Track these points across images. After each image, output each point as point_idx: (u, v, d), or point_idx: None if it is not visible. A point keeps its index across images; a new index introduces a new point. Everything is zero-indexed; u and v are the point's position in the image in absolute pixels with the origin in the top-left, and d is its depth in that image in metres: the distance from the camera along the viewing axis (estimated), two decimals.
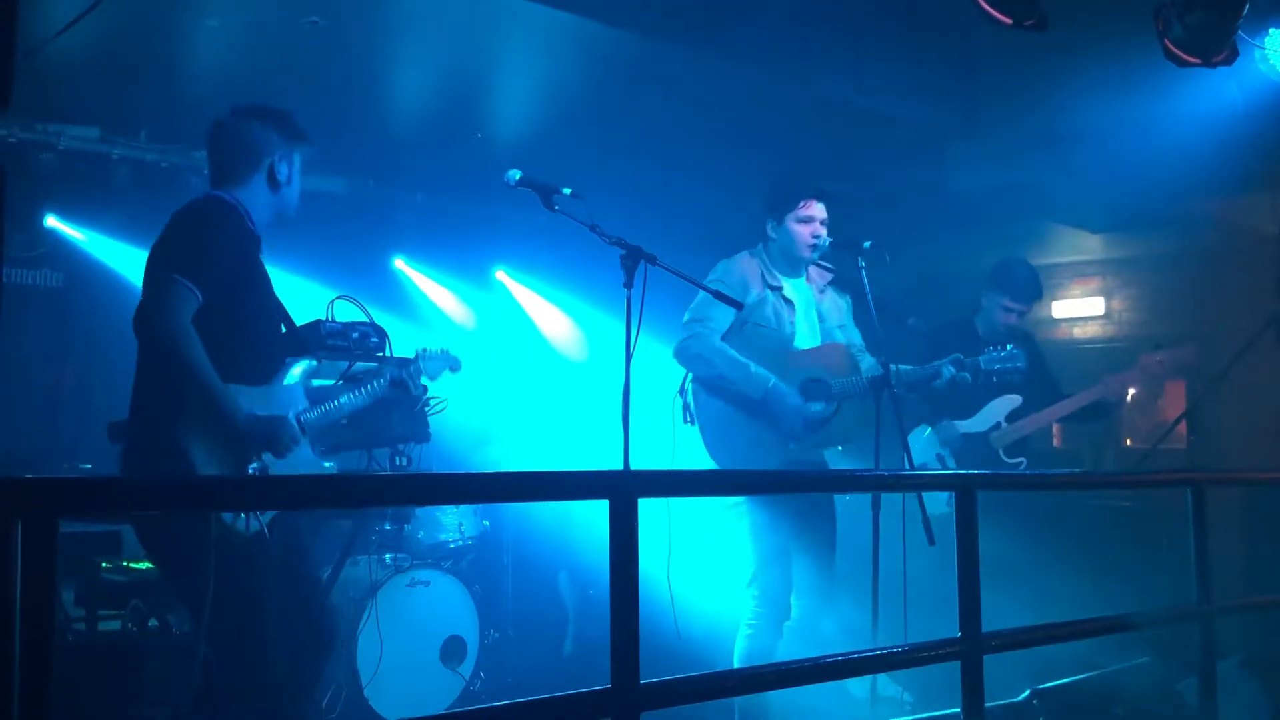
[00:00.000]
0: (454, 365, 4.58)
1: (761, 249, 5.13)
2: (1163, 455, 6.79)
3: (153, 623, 5.11)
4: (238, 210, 3.83)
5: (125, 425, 3.70)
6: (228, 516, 3.49)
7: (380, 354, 4.35)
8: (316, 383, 4.12)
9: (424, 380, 4.40)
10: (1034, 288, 6.01)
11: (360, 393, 4.12)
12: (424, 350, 4.44)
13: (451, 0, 5.40)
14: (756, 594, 4.85)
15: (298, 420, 3.78)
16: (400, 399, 4.33)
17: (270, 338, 3.88)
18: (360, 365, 4.33)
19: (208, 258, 3.62)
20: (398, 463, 5.02)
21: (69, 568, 5.33)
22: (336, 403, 4.03)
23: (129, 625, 5.11)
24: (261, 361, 3.81)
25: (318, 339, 4.18)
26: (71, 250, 7.06)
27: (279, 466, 3.69)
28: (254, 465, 3.64)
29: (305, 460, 3.82)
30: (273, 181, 3.92)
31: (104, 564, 5.34)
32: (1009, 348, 5.12)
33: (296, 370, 3.95)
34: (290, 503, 2.84)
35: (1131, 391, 8.65)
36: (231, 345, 3.64)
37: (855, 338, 5.22)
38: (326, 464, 4.06)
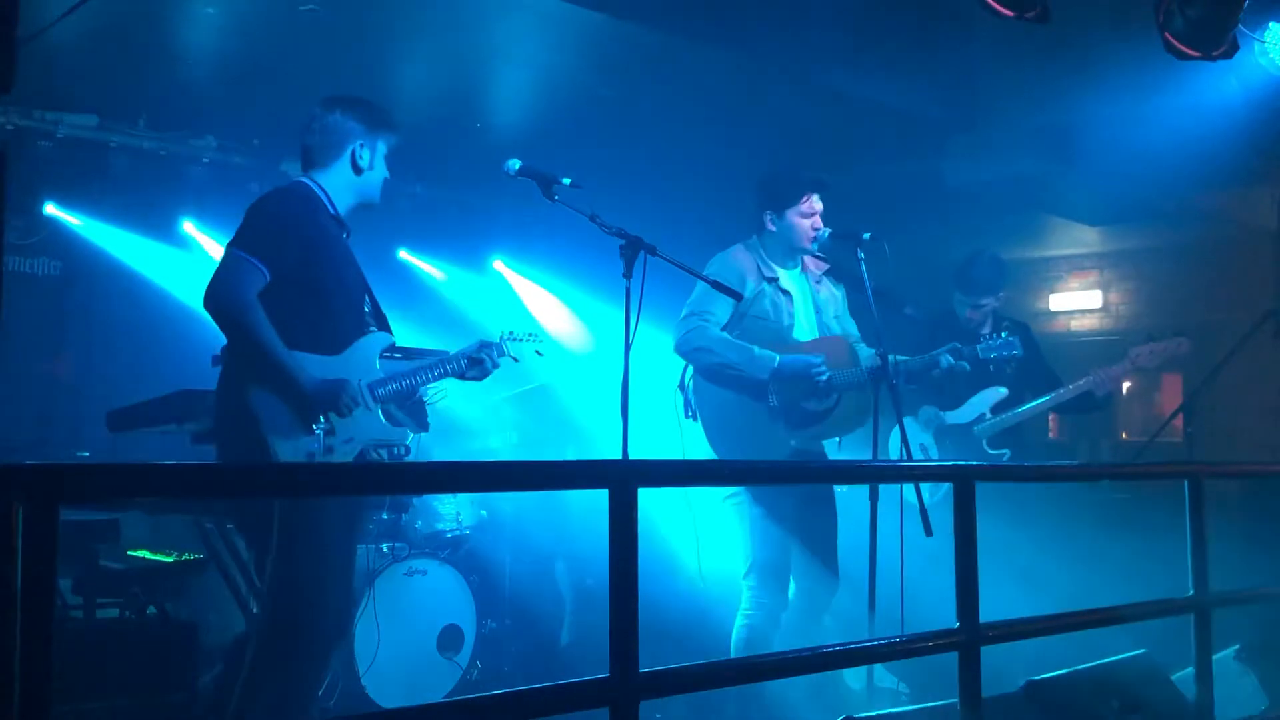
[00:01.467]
0: (540, 348, 4.66)
1: (756, 241, 5.12)
2: (1159, 448, 6.80)
3: (151, 610, 5.11)
4: (317, 194, 4.11)
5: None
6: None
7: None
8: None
9: (508, 361, 4.49)
10: (985, 282, 5.96)
11: (436, 370, 4.27)
12: (510, 333, 4.53)
13: None
14: (754, 584, 4.85)
15: (369, 388, 4.01)
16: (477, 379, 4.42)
17: (344, 311, 4.06)
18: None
19: (276, 237, 3.88)
20: (395, 452, 5.02)
21: (66, 556, 5.32)
22: (411, 376, 4.18)
23: (127, 613, 5.11)
24: (334, 332, 4.01)
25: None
26: (70, 238, 7.05)
27: (344, 425, 3.91)
28: (320, 425, 3.85)
29: (374, 425, 4.03)
30: (354, 168, 4.16)
31: (102, 551, 5.34)
32: (1004, 335, 5.11)
33: (375, 341, 4.15)
34: (293, 489, 2.84)
35: (1126, 385, 8.68)
36: (303, 316, 3.90)
37: (851, 328, 5.21)
38: (390, 426, 4.13)
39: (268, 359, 3.78)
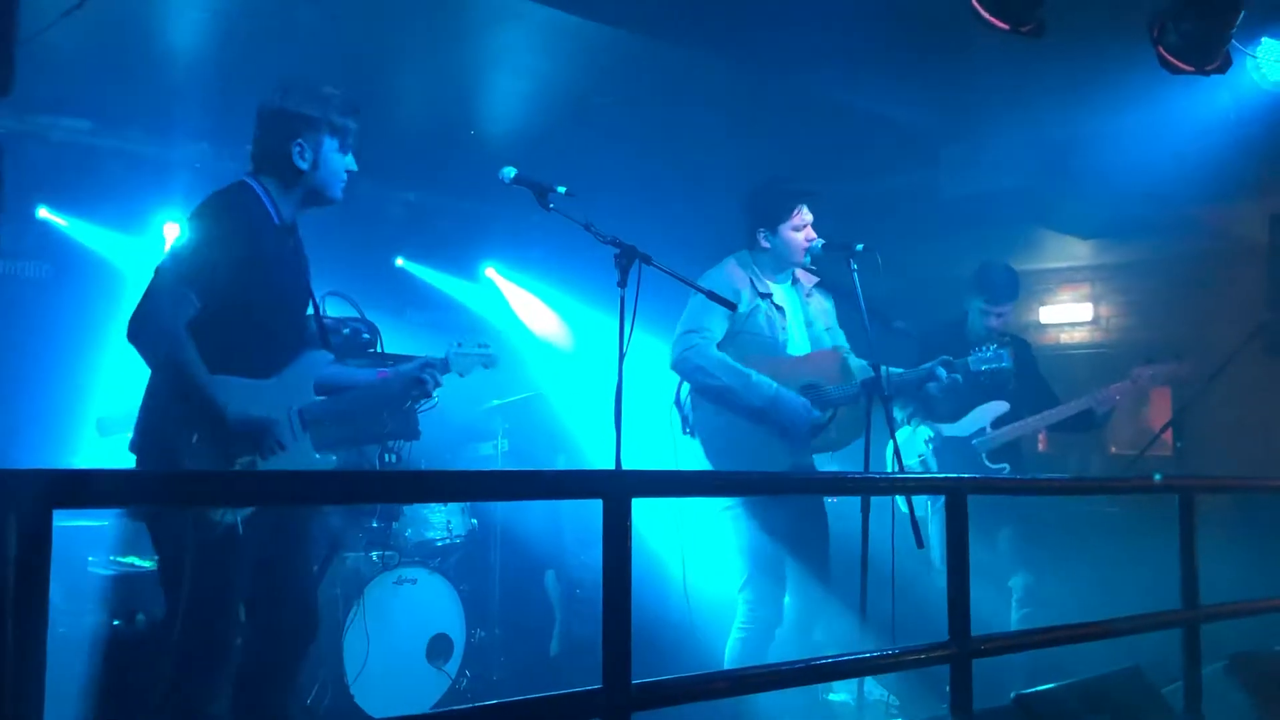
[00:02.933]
0: (489, 362, 4.43)
1: (748, 255, 5.13)
2: (1149, 462, 6.81)
3: (140, 618, 5.09)
4: (259, 196, 3.83)
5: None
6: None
7: (372, 350, 4.33)
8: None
9: (456, 377, 4.29)
10: (1007, 289, 6.00)
11: (374, 395, 4.09)
12: (458, 346, 4.32)
13: None
14: (750, 599, 4.86)
15: (299, 414, 3.81)
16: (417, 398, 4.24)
17: (280, 330, 3.88)
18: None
19: (208, 259, 3.64)
20: (387, 460, 5.02)
21: (54, 561, 5.30)
22: (345, 395, 4.01)
23: (116, 621, 5.09)
24: (269, 354, 3.82)
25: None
26: (62, 241, 7.03)
27: (272, 463, 3.71)
28: (244, 461, 3.65)
29: (299, 456, 3.81)
30: (293, 168, 3.85)
31: (91, 558, 5.32)
32: (993, 348, 5.13)
33: (311, 361, 3.96)
34: (279, 497, 2.84)
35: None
36: (236, 338, 3.69)
37: (841, 339, 5.23)
38: (317, 456, 3.95)
39: (190, 392, 3.56)
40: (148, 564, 5.38)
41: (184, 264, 3.66)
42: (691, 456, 4.95)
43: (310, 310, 4.03)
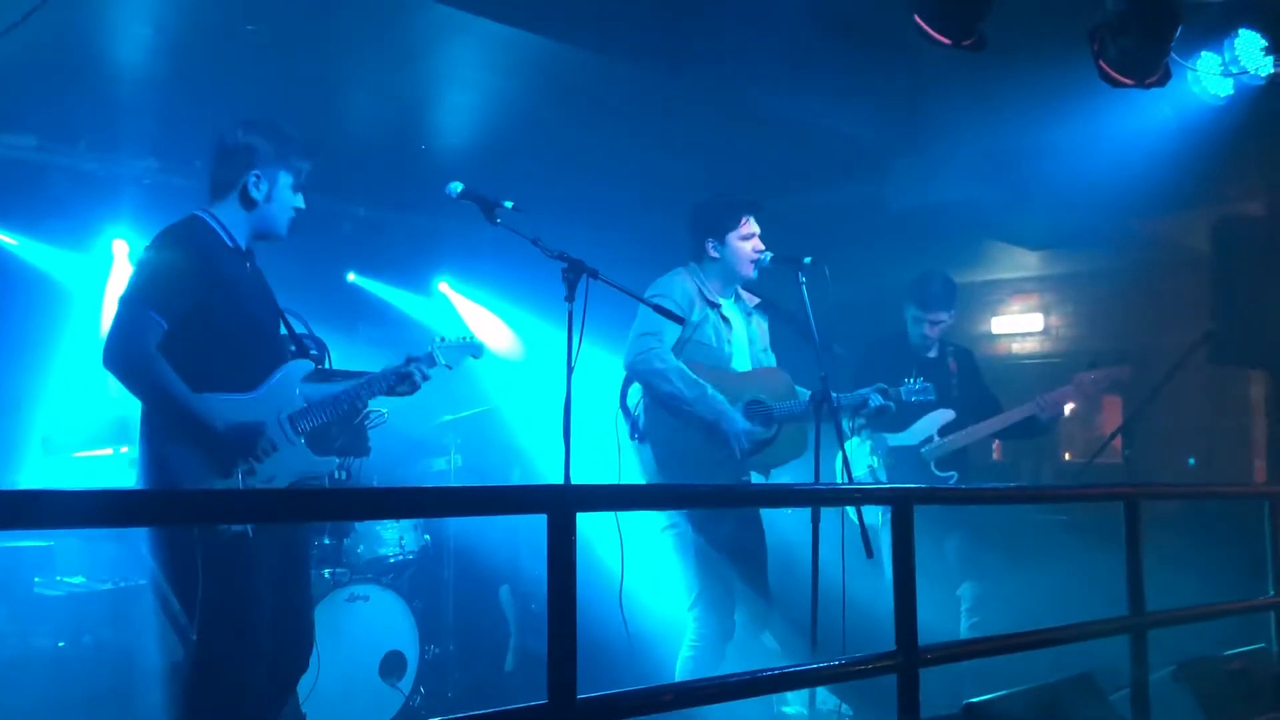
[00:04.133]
0: (475, 352, 4.53)
1: (696, 268, 5.15)
2: (1099, 470, 6.89)
3: (87, 639, 5.04)
4: (212, 227, 3.94)
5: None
6: None
7: (321, 367, 4.31)
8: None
9: (444, 370, 4.37)
10: (941, 297, 6.07)
11: (363, 391, 4.13)
12: (441, 339, 4.41)
13: (393, 11, 5.38)
14: (699, 615, 4.86)
15: (290, 420, 3.89)
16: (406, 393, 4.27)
17: (254, 345, 3.95)
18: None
19: (168, 283, 3.76)
20: (337, 476, 4.98)
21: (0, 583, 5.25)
22: (336, 402, 4.05)
23: (61, 642, 5.04)
24: (248, 369, 3.90)
25: None
26: (7, 259, 6.95)
27: (265, 464, 3.80)
28: (242, 467, 3.75)
29: (298, 458, 3.92)
30: (248, 200, 3.97)
31: (37, 580, 5.26)
32: (920, 381, 5.34)
33: (293, 371, 4.02)
34: (226, 516, 2.82)
35: (1070, 407, 8.79)
36: (212, 358, 3.79)
37: (774, 363, 5.27)
38: (318, 459, 4.02)
39: (177, 409, 3.68)
40: (97, 584, 5.33)
41: (144, 289, 3.77)
42: (640, 464, 4.94)
43: (283, 327, 4.13)
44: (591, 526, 5.25)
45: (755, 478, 5.16)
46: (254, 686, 3.74)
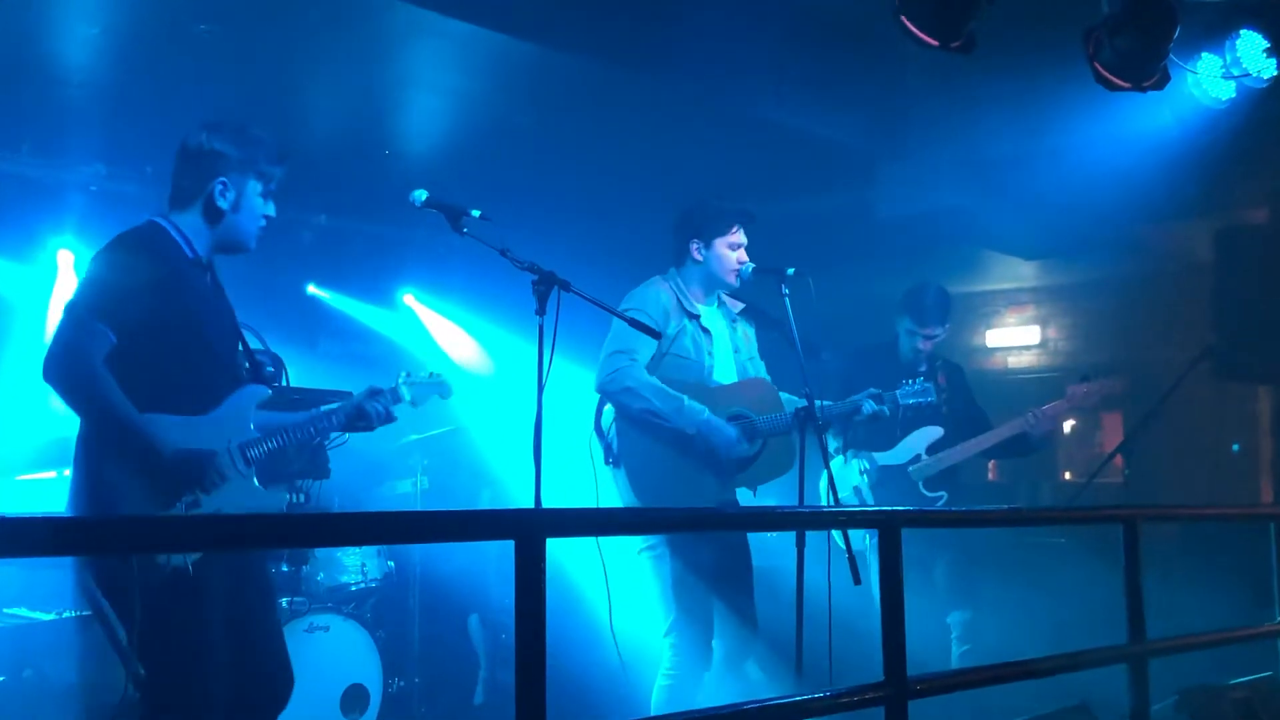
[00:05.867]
0: (444, 392, 4.49)
1: (675, 274, 5.15)
2: (1098, 489, 6.92)
3: (27, 673, 5.00)
4: (171, 235, 3.82)
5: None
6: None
7: (277, 384, 4.30)
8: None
9: (408, 408, 4.31)
10: (937, 311, 6.09)
11: (320, 423, 4.05)
12: (407, 375, 4.35)
13: (355, 11, 5.38)
14: (675, 643, 4.85)
15: (241, 450, 3.79)
16: (363, 430, 4.20)
17: (207, 365, 3.84)
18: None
19: (118, 293, 3.64)
20: (295, 500, 4.97)
21: None
22: (288, 433, 3.96)
23: (1, 677, 5.00)
24: (199, 390, 3.79)
25: None
26: None
27: (216, 498, 3.69)
28: (187, 499, 3.64)
29: (246, 491, 3.81)
30: (213, 209, 3.86)
31: None
32: (919, 382, 5.31)
33: (247, 396, 3.92)
34: (173, 544, 2.81)
35: (1070, 424, 8.84)
36: (161, 376, 3.67)
37: (762, 371, 5.28)
38: (264, 490, 3.93)
39: (121, 429, 3.56)
40: (38, 615, 5.29)
41: (92, 297, 3.66)
42: (615, 488, 4.94)
43: (240, 348, 4.02)
44: (574, 549, 5.27)
45: (743, 494, 5.16)
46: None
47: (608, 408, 5.01)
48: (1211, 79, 5.78)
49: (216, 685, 3.68)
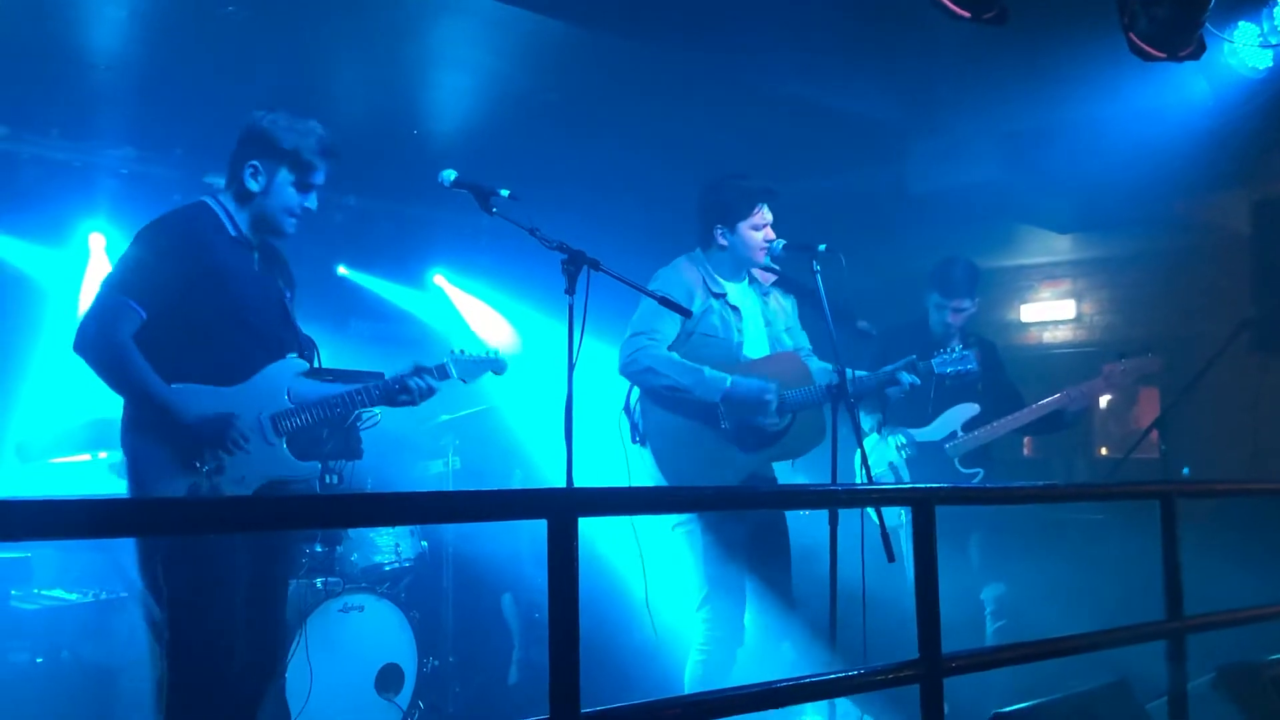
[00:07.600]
0: (498, 368, 4.54)
1: (701, 255, 5.15)
2: (1135, 465, 6.89)
3: (65, 654, 5.07)
4: (216, 213, 4.01)
5: None
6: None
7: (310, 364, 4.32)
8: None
9: (459, 385, 4.39)
10: (963, 283, 6.07)
11: (358, 398, 4.12)
12: (458, 352, 4.41)
13: None
14: (708, 618, 4.87)
15: (273, 421, 3.91)
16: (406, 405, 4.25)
17: (243, 338, 3.96)
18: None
19: (153, 272, 3.83)
20: (328, 480, 5.00)
21: None
22: (324, 406, 4.05)
23: (38, 659, 5.06)
24: (232, 362, 3.93)
25: None
26: None
27: (236, 463, 3.80)
28: (207, 463, 3.76)
29: (274, 460, 3.93)
30: (244, 189, 4.02)
31: (14, 593, 5.29)
32: (958, 349, 5.23)
33: (281, 369, 4.03)
34: (208, 526, 2.83)
35: (1105, 399, 8.79)
36: (193, 348, 3.85)
37: (803, 340, 5.26)
38: (300, 463, 4.04)
39: (143, 398, 3.77)
40: (73, 597, 5.36)
41: (124, 275, 3.84)
42: (643, 466, 4.96)
43: (283, 328, 4.12)
44: (610, 526, 5.30)
45: (779, 467, 5.16)
46: (227, 694, 3.76)
47: (635, 387, 5.03)
48: (1249, 48, 5.72)
49: (236, 648, 3.80)
